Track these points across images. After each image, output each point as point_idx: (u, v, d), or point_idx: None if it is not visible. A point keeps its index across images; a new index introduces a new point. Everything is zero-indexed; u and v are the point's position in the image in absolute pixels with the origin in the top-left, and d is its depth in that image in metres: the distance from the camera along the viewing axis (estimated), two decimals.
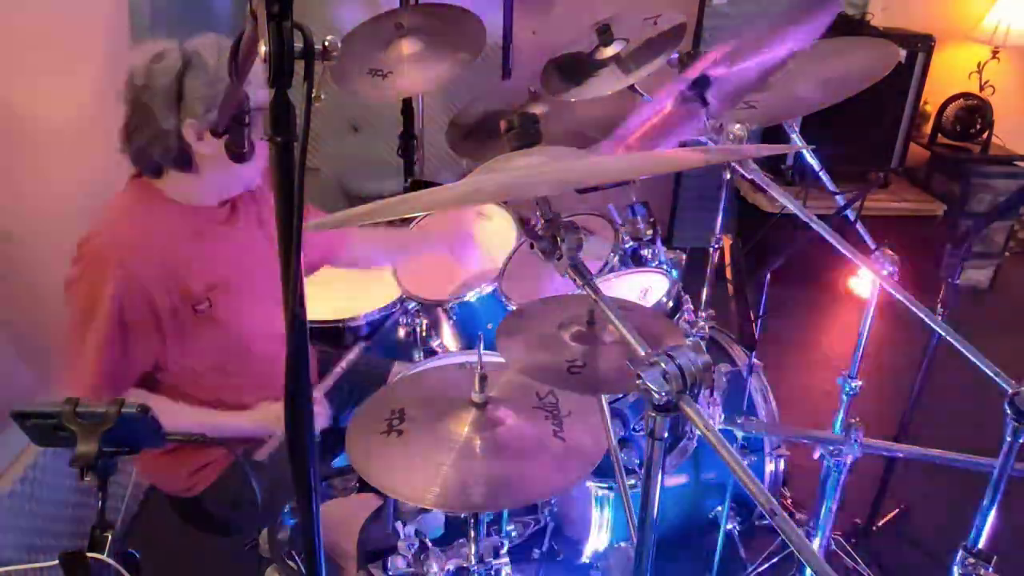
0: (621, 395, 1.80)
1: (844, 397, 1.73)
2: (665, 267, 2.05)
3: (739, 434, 1.67)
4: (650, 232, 2.10)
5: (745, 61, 1.22)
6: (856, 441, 1.49)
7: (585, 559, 1.89)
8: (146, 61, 1.43)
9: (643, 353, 0.82)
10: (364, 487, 1.70)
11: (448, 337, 2.09)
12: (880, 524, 2.18)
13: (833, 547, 1.98)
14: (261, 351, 1.58)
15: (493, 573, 1.34)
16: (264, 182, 1.63)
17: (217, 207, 1.59)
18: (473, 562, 1.32)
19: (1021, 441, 1.04)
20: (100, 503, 1.03)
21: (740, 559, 1.99)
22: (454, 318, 2.03)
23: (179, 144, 1.45)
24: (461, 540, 1.37)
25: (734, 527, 1.95)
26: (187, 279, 1.50)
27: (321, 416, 1.68)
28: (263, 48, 0.69)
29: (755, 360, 1.89)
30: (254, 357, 1.59)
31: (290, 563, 1.34)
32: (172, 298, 1.48)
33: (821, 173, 1.84)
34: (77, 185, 2.01)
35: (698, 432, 1.83)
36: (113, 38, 2.27)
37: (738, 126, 1.46)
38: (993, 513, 1.11)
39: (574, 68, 1.95)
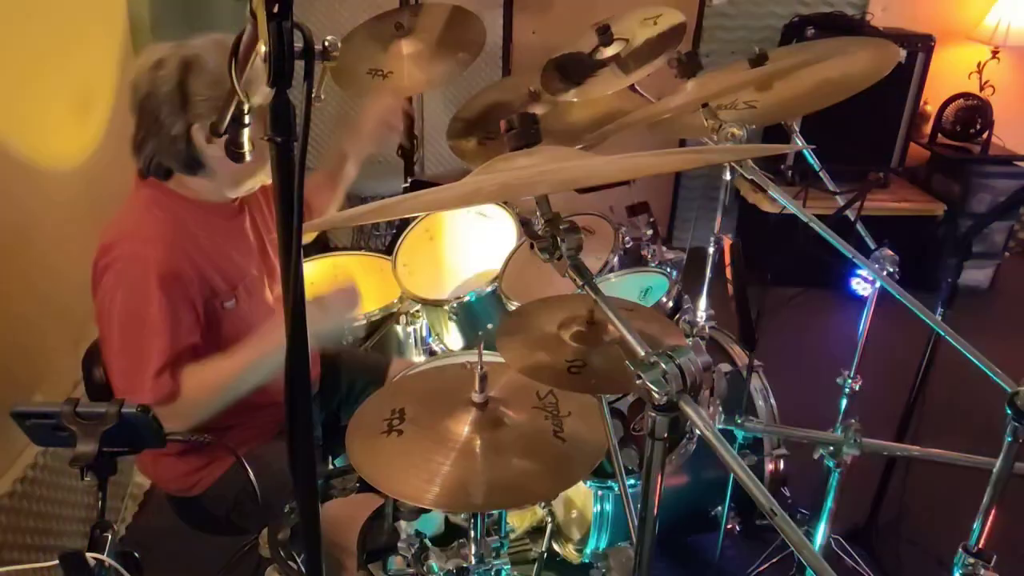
0: (621, 395, 1.80)
1: (844, 397, 1.73)
2: (665, 267, 2.05)
3: (739, 434, 1.67)
4: (650, 232, 2.11)
5: None
6: (856, 441, 1.49)
7: (585, 559, 1.89)
8: (146, 70, 1.42)
9: (643, 353, 0.82)
10: (364, 487, 1.70)
11: (448, 337, 2.09)
12: (880, 524, 2.18)
13: (833, 547, 1.98)
14: None
15: (493, 573, 1.34)
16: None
17: (228, 203, 1.60)
18: (473, 562, 1.32)
19: (1021, 441, 1.04)
20: (100, 503, 1.03)
21: (740, 559, 1.99)
22: (454, 318, 2.03)
23: (188, 148, 1.44)
24: (461, 540, 1.37)
25: (734, 527, 1.95)
26: (212, 277, 1.50)
27: (355, 298, 1.61)
28: (263, 48, 0.69)
29: (755, 360, 1.89)
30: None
31: (290, 563, 1.34)
32: (204, 296, 1.48)
33: (821, 173, 1.84)
34: (79, 184, 2.02)
35: (698, 432, 1.83)
36: (113, 40, 2.27)
37: (738, 126, 1.46)
38: (993, 513, 1.11)
39: (574, 68, 1.94)
